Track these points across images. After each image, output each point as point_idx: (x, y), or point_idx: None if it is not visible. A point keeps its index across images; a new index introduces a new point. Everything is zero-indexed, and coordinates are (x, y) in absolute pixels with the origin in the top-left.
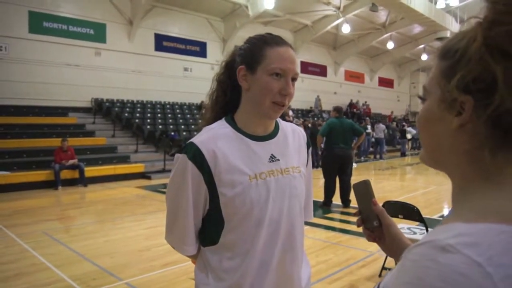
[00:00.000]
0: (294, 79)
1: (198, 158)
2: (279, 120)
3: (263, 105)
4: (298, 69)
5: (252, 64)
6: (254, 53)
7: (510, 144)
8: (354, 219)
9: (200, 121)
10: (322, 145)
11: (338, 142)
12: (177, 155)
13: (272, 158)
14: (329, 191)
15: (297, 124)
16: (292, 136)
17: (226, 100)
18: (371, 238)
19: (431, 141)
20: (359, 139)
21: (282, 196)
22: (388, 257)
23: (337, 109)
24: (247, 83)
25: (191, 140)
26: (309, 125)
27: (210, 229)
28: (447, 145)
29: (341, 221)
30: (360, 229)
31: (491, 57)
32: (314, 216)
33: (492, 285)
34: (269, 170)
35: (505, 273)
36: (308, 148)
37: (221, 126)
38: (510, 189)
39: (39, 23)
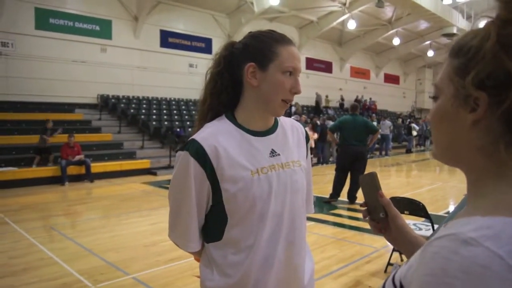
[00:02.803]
0: None
1: (200, 154)
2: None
3: (273, 102)
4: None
5: (264, 61)
6: (265, 50)
7: None
8: (360, 215)
9: (196, 117)
10: (337, 140)
11: (350, 139)
12: (179, 152)
13: (273, 153)
14: (337, 185)
15: (303, 121)
16: (291, 131)
17: (229, 97)
18: (377, 230)
19: (445, 138)
20: (373, 137)
21: (284, 191)
22: (393, 253)
23: (352, 107)
24: (256, 80)
25: (192, 137)
26: (318, 122)
27: (214, 225)
28: (461, 142)
29: (347, 217)
30: (366, 225)
31: (506, 55)
32: (320, 212)
33: None
34: (270, 165)
35: None
36: (307, 142)
37: (222, 122)
38: None
39: (45, 19)
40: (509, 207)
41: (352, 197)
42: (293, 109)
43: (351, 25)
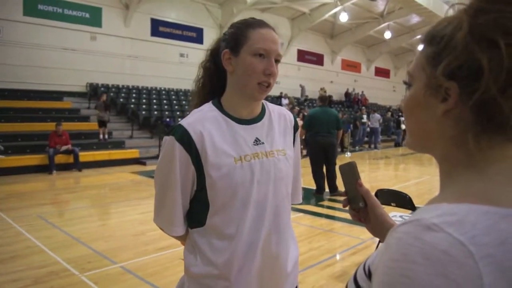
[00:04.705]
0: (277, 61)
1: (186, 139)
2: (266, 103)
3: (248, 86)
4: (281, 51)
5: (236, 46)
6: (237, 36)
7: (493, 129)
8: (347, 207)
9: (187, 107)
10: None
11: (320, 131)
12: (165, 137)
13: (257, 141)
14: (319, 179)
15: (295, 113)
16: (278, 119)
17: (213, 86)
18: (356, 218)
19: (417, 127)
20: (338, 133)
21: (267, 179)
22: (379, 245)
23: (321, 98)
24: (231, 66)
25: (179, 122)
26: (305, 113)
27: (197, 210)
28: (433, 131)
29: (334, 208)
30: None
31: (477, 45)
32: (308, 203)
33: (473, 263)
34: (253, 153)
35: (486, 252)
36: (295, 131)
37: (208, 109)
38: (493, 172)
39: (34, 5)
40: (475, 194)
41: (332, 187)
42: (285, 101)
43: (343, 17)
